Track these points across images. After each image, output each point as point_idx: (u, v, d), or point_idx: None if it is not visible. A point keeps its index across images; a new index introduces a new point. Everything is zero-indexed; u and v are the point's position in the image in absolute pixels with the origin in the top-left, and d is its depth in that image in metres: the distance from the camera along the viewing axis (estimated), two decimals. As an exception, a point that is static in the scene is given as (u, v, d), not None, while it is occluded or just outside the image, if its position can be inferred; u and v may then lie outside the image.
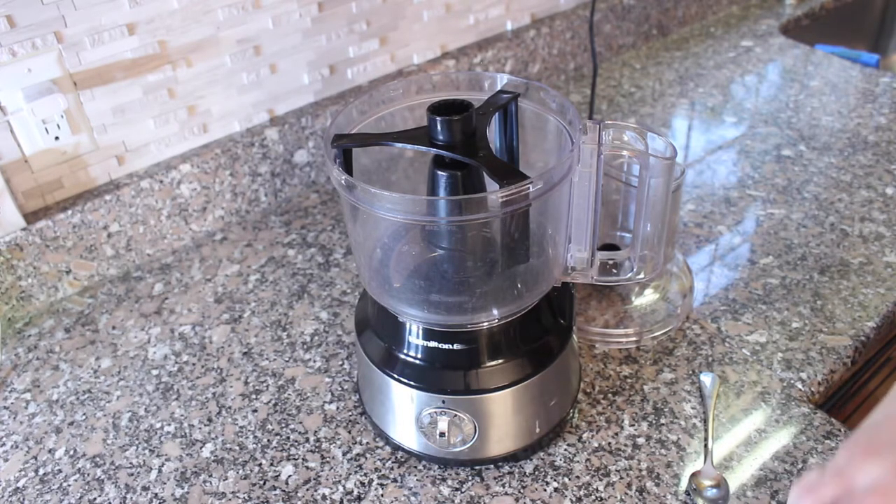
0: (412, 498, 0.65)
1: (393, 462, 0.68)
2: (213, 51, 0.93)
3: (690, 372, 0.75)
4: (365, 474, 0.67)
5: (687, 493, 0.64)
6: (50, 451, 0.72)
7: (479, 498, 0.65)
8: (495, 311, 0.62)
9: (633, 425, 0.70)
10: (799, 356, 0.75)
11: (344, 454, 0.69)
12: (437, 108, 0.57)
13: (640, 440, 0.68)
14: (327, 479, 0.67)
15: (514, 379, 0.63)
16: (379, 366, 0.66)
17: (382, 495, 0.65)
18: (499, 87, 0.65)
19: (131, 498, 0.67)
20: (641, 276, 0.65)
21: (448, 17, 1.13)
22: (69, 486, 0.69)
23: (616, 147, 0.59)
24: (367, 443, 0.70)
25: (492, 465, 0.67)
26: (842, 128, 1.11)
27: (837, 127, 1.11)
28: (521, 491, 0.65)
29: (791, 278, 0.85)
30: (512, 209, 0.53)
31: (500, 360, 0.63)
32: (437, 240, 0.63)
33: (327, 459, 0.69)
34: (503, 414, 0.64)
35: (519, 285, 0.64)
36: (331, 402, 0.74)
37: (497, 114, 0.64)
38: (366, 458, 0.69)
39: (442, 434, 0.63)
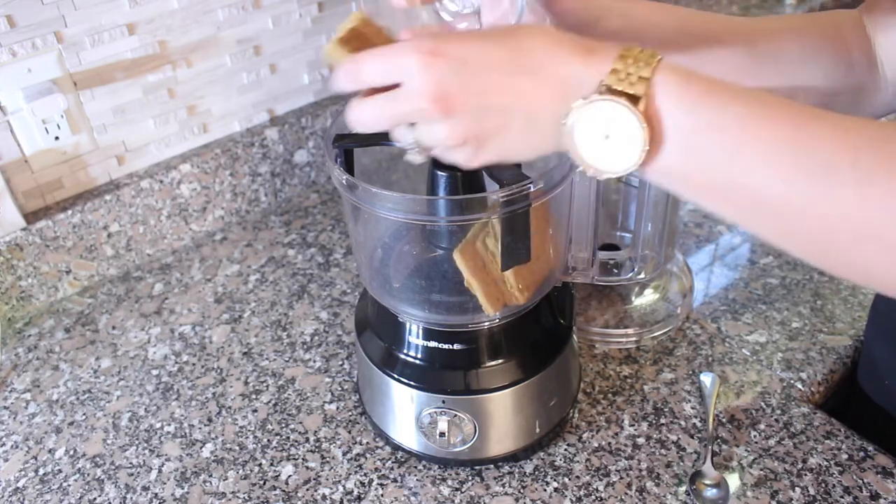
0: (412, 498, 0.65)
1: (393, 462, 0.68)
2: (213, 51, 0.93)
3: (690, 372, 0.75)
4: (365, 474, 0.67)
5: (687, 493, 0.64)
6: (50, 451, 0.72)
7: (479, 498, 0.65)
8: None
9: (633, 425, 0.70)
10: (799, 356, 0.75)
11: (344, 454, 0.69)
12: (437, 108, 0.57)
13: (640, 440, 0.68)
14: (327, 479, 0.67)
15: (514, 379, 0.63)
16: (379, 366, 0.66)
17: (382, 495, 0.65)
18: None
19: (131, 498, 0.67)
20: (641, 275, 0.65)
21: (448, 18, 1.13)
22: (69, 486, 0.69)
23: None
24: (367, 443, 0.70)
25: (492, 465, 0.67)
26: (841, 128, 1.10)
27: (837, 127, 1.11)
28: (521, 491, 0.65)
29: (791, 278, 0.85)
30: (512, 209, 0.53)
31: (500, 360, 0.63)
32: (437, 240, 0.63)
33: (327, 459, 0.69)
34: (503, 414, 0.64)
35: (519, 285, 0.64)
36: (331, 402, 0.74)
37: (497, 114, 0.64)
38: (366, 458, 0.69)
39: (442, 434, 0.63)
